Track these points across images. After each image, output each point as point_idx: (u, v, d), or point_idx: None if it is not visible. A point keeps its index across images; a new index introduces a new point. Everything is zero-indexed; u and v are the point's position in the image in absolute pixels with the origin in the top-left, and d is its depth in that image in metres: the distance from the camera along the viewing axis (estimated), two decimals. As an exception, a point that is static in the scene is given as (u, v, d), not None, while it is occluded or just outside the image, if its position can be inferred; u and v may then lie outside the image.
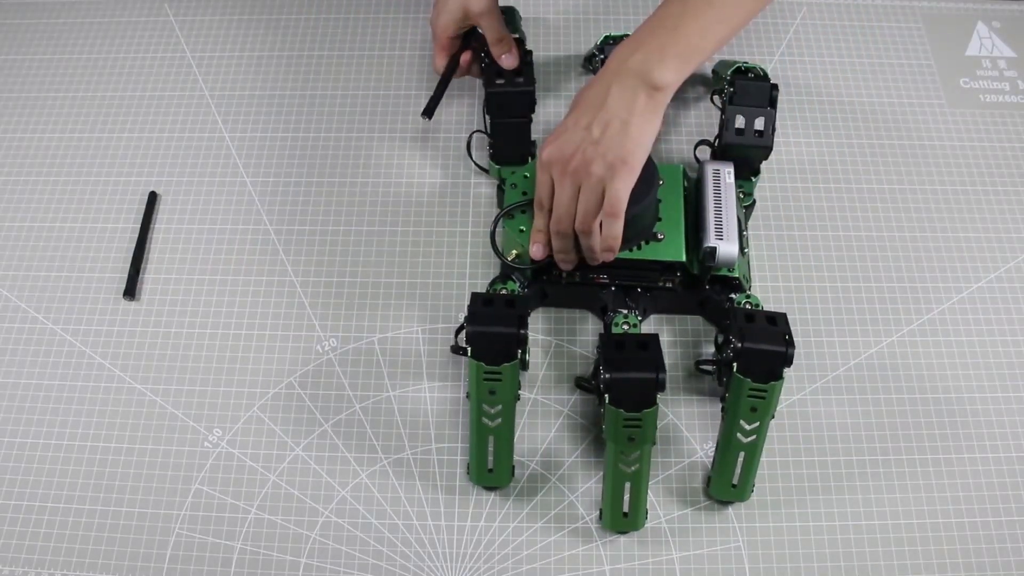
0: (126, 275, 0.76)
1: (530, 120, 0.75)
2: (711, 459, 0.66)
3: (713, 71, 0.82)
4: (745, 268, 0.71)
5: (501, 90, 0.73)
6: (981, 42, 0.89)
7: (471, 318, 0.62)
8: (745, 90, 0.72)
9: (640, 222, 0.67)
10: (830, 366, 0.71)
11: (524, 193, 0.72)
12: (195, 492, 0.67)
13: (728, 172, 0.71)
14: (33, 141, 0.85)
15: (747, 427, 0.62)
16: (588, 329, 0.73)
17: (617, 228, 0.63)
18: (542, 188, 0.66)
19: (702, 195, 0.70)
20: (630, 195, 0.63)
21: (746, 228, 0.74)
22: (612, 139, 0.62)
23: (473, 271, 0.76)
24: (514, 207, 0.71)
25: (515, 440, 0.66)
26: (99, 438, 0.69)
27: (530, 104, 0.74)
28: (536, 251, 0.68)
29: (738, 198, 0.71)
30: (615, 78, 0.63)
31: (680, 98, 0.84)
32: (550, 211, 0.66)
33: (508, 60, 0.75)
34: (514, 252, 0.70)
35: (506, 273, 0.71)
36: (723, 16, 0.65)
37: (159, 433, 0.70)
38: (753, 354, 0.60)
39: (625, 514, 0.63)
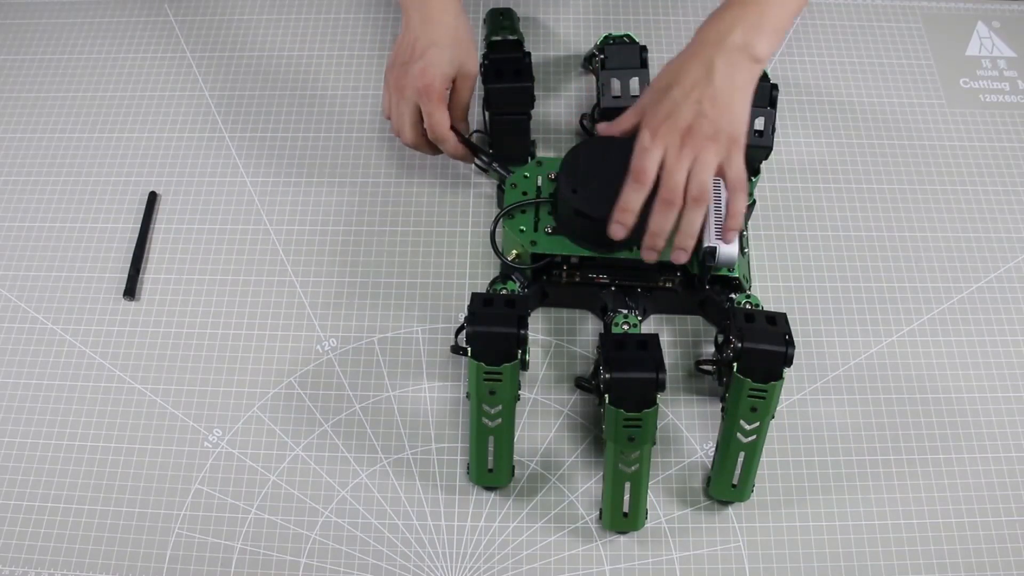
0: (126, 275, 0.76)
1: (529, 117, 0.75)
2: (711, 459, 0.66)
3: (713, 71, 0.82)
4: (745, 268, 0.71)
5: (501, 86, 0.73)
6: (981, 42, 0.89)
7: (471, 318, 0.62)
8: (745, 90, 0.72)
9: (641, 222, 0.67)
10: (830, 366, 0.71)
11: (524, 193, 0.72)
12: (195, 492, 0.67)
13: (728, 172, 0.71)
14: (33, 141, 0.85)
15: (747, 427, 0.62)
16: (588, 329, 0.73)
17: (744, 202, 0.64)
18: (651, 158, 0.62)
19: (702, 195, 0.70)
20: None
21: (746, 228, 0.74)
22: (722, 116, 0.62)
23: (473, 271, 0.76)
24: (514, 207, 0.71)
25: (515, 440, 0.66)
26: (99, 438, 0.69)
27: (529, 100, 0.74)
28: (618, 231, 0.64)
29: (738, 198, 0.71)
30: (717, 53, 0.63)
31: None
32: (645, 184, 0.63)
33: (464, 127, 0.75)
34: (514, 252, 0.70)
35: (506, 273, 0.71)
36: None
37: (159, 433, 0.70)
38: (753, 354, 0.60)
39: (625, 514, 0.63)
